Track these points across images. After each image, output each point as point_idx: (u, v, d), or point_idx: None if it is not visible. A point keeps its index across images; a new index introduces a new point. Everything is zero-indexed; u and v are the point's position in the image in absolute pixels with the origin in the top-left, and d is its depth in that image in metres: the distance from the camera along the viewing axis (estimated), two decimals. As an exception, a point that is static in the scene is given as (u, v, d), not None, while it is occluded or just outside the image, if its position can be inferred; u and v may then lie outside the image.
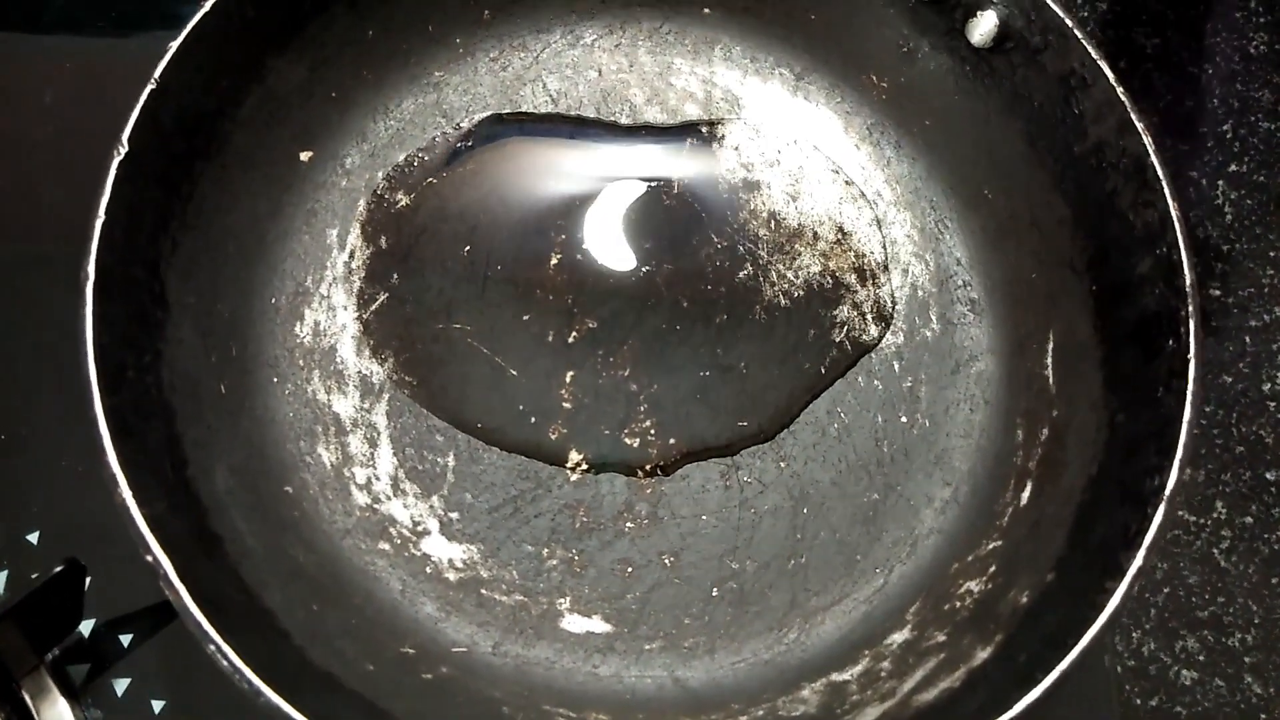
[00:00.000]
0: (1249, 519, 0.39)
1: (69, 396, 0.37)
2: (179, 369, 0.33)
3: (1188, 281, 0.33)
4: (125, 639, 0.35)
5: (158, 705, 0.34)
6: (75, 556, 0.33)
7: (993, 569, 0.34)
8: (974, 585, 0.34)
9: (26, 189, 0.32)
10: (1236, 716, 0.37)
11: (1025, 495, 0.36)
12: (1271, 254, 0.43)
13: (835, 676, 0.34)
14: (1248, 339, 0.42)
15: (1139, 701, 0.37)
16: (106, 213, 0.32)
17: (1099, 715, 0.36)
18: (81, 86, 0.41)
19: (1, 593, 0.34)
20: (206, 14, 0.34)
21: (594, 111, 0.41)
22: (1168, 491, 0.31)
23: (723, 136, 0.41)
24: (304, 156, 0.39)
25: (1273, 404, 0.41)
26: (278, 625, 0.30)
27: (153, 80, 0.33)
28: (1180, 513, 0.39)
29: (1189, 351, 0.32)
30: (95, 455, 0.29)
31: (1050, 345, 0.37)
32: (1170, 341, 0.33)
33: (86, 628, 0.35)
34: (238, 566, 0.31)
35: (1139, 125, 0.35)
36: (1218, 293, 0.42)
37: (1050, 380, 0.37)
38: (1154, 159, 0.34)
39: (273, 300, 0.37)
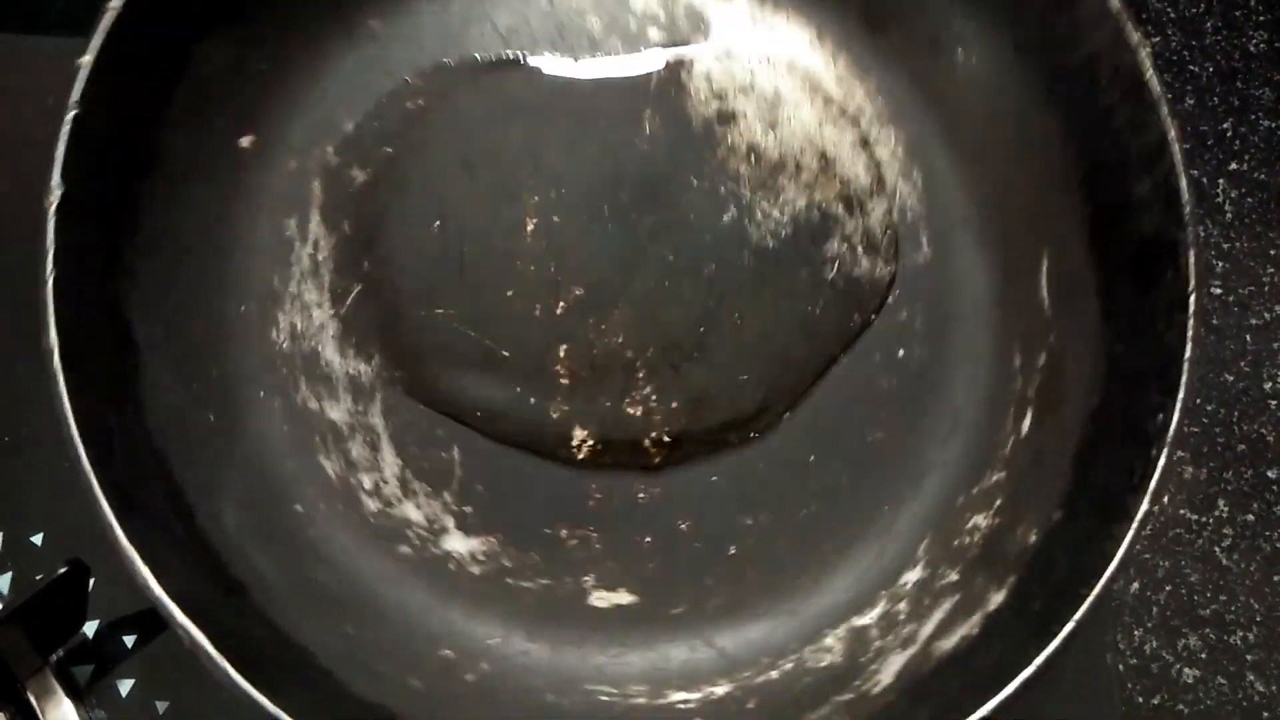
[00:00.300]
0: (1250, 517, 0.40)
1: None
2: (163, 412, 0.32)
3: (1186, 209, 0.33)
4: (129, 640, 0.35)
5: (161, 705, 0.35)
6: (79, 557, 0.33)
7: (998, 502, 0.36)
8: (980, 520, 0.36)
9: (28, 191, 0.30)
10: (1239, 715, 0.39)
11: (1026, 425, 0.36)
12: (1272, 252, 0.42)
13: (856, 621, 0.35)
14: (1248, 337, 0.41)
15: (1141, 700, 0.39)
16: (55, 265, 0.29)
17: (1101, 713, 0.37)
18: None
19: (5, 594, 0.34)
20: (120, 13, 0.30)
21: (549, 48, 0.38)
22: (1170, 433, 0.32)
23: (691, 64, 0.39)
24: (245, 143, 0.36)
25: (1274, 402, 0.41)
26: (318, 664, 0.31)
27: (74, 105, 0.30)
28: (1182, 511, 0.40)
29: (1189, 284, 0.32)
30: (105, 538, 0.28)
31: (1044, 267, 0.37)
32: (1169, 272, 0.33)
33: (90, 629, 0.35)
34: (267, 610, 0.31)
35: (1135, 41, 0.33)
36: (1218, 290, 0.42)
37: (1046, 305, 0.37)
38: (1151, 78, 0.33)
39: (241, 309, 0.35)
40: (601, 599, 0.36)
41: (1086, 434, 0.34)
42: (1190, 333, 0.32)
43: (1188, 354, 0.32)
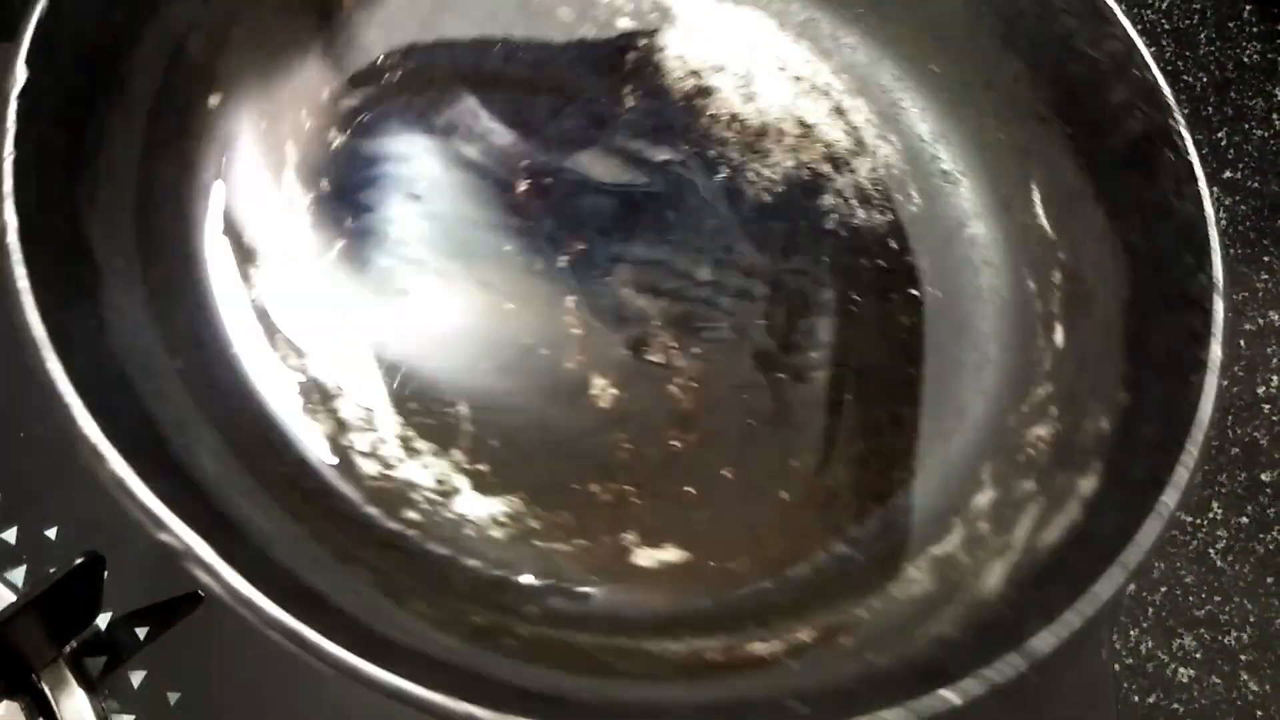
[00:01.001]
0: (1244, 519, 0.40)
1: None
2: (127, 340, 0.27)
3: (1169, 95, 0.34)
4: (141, 632, 0.34)
5: (173, 697, 0.33)
6: (95, 549, 0.31)
7: (1054, 411, 0.33)
8: (1041, 430, 0.33)
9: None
10: (1233, 714, 0.38)
11: (1059, 336, 0.35)
12: (1266, 259, 0.44)
13: (935, 550, 0.31)
14: (1242, 343, 0.43)
15: (1137, 699, 0.37)
16: (16, 148, 0.25)
17: (1098, 712, 0.36)
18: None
19: (20, 587, 0.33)
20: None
21: (525, 31, 0.38)
22: (1219, 284, 0.31)
23: (664, 47, 0.39)
24: (213, 101, 0.33)
25: (1267, 406, 0.42)
26: (331, 603, 0.25)
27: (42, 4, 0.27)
28: (1176, 513, 0.41)
29: (1191, 156, 0.33)
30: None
31: (1036, 195, 0.37)
32: (1169, 153, 0.33)
33: (103, 622, 0.33)
34: (267, 550, 0.25)
35: (1082, -40, 0.36)
36: None
37: (1046, 228, 0.37)
38: (1104, -11, 0.35)
39: (207, 262, 0.31)
40: (645, 556, 0.30)
41: (1129, 322, 0.33)
42: (1205, 198, 0.32)
43: (1209, 214, 0.32)
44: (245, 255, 0.32)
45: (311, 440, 0.30)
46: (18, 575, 0.33)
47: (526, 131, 0.36)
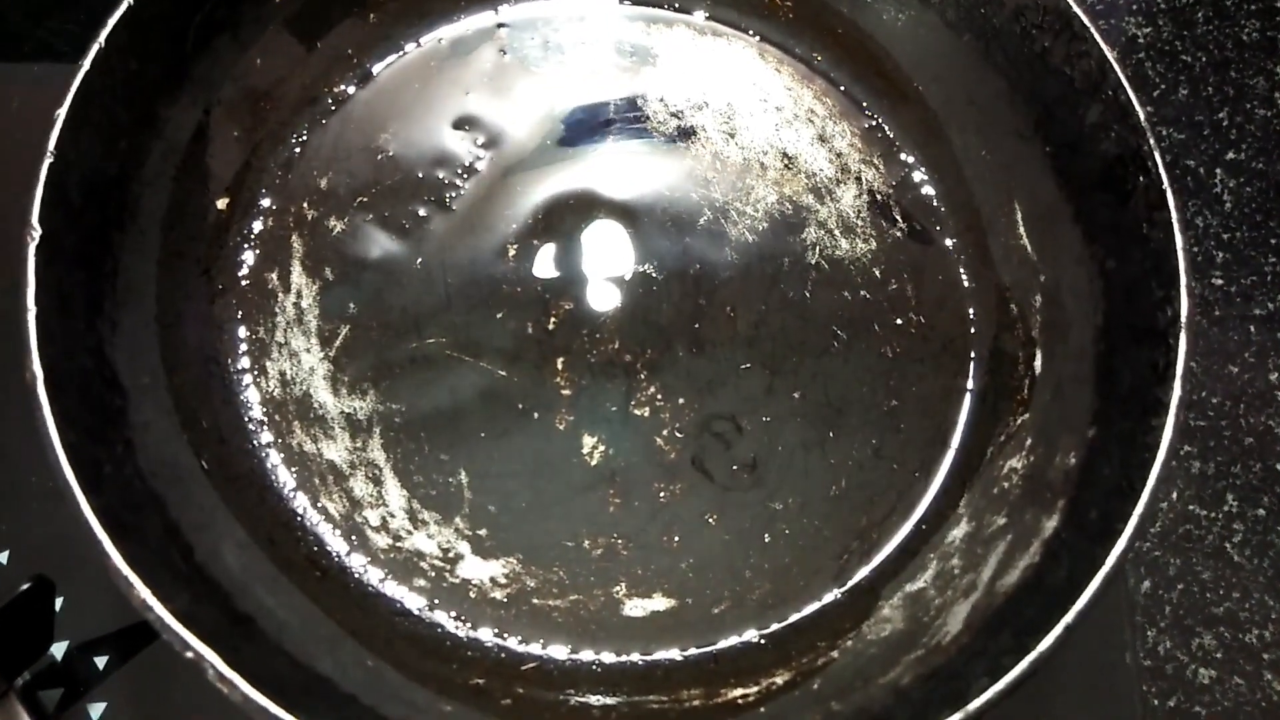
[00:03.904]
0: (1261, 511, 0.38)
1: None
2: (154, 454, 0.31)
3: (1142, 117, 0.34)
4: (100, 661, 0.33)
5: None
6: (43, 573, 0.31)
7: (1029, 441, 0.34)
8: (1015, 462, 0.34)
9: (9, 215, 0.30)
10: (1258, 715, 0.36)
11: (1038, 363, 0.36)
12: (1273, 241, 0.42)
13: (910, 587, 0.33)
14: (1252, 328, 0.41)
15: (1157, 703, 0.36)
16: (36, 303, 0.29)
17: (1120, 717, 0.35)
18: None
19: None
20: (88, 72, 0.31)
21: (512, 99, 0.40)
22: (1183, 318, 0.31)
23: (644, 94, 0.40)
24: (220, 204, 0.36)
25: None
26: (341, 691, 0.28)
27: (49, 153, 0.30)
28: (1191, 506, 0.38)
29: (1163, 182, 0.33)
30: (98, 558, 0.26)
31: (1019, 215, 0.37)
32: (1141, 178, 0.33)
33: (59, 651, 0.33)
34: (280, 642, 0.29)
35: (1055, -21, 0.35)
36: (1220, 281, 0.41)
37: (1028, 248, 0.37)
38: (1076, 9, 0.35)
39: (229, 361, 0.35)
40: (637, 607, 0.33)
41: (1099, 352, 0.34)
42: (1176, 226, 0.32)
43: (1179, 244, 0.32)
44: (261, 349, 0.35)
45: (327, 520, 0.33)
46: (-34, 603, 0.32)
47: (514, 194, 0.38)
